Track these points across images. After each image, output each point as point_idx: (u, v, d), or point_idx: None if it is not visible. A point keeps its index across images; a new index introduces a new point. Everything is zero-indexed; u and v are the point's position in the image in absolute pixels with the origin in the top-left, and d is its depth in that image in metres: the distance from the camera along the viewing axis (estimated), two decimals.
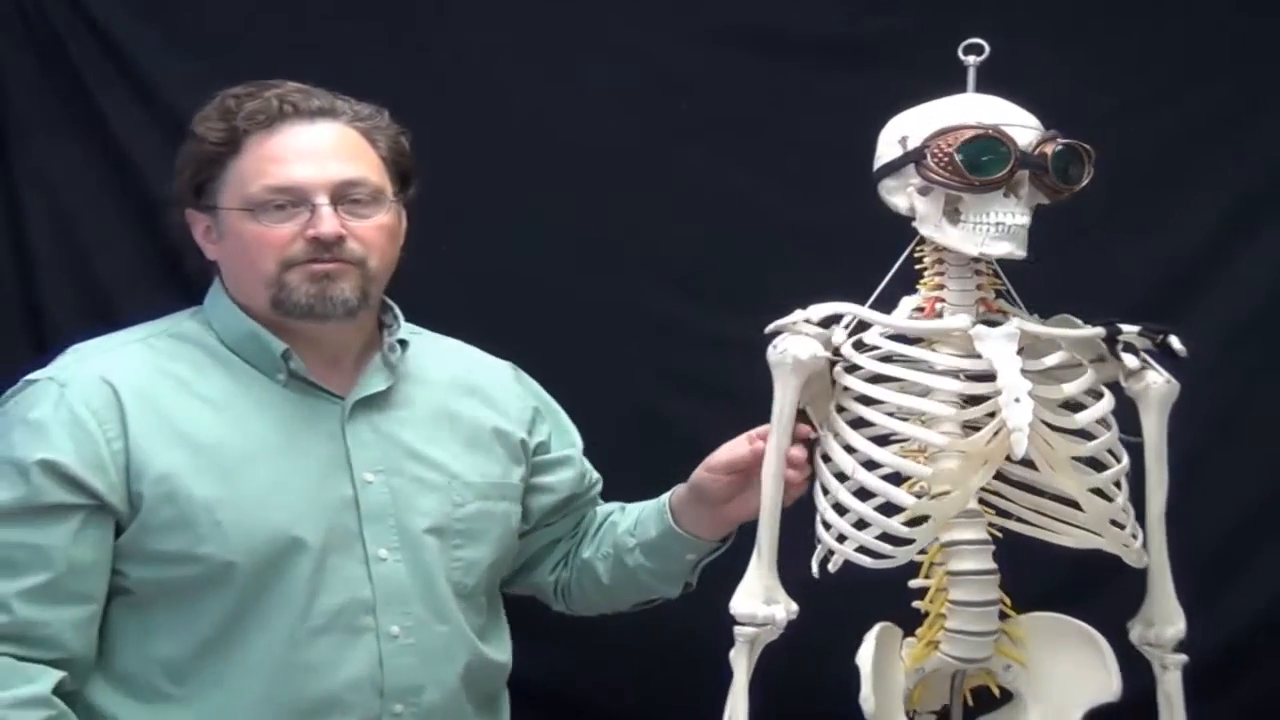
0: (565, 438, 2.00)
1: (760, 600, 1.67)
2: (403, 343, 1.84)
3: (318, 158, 1.72)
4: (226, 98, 1.74)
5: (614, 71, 2.59)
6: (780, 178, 2.58)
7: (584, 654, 2.45)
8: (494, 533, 1.84)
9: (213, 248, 1.78)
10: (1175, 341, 1.70)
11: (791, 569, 1.70)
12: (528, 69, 2.59)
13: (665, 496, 1.91)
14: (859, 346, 1.66)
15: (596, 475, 2.04)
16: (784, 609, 1.68)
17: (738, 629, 1.68)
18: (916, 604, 1.71)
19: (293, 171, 1.70)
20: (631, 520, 1.94)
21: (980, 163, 1.58)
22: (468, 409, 1.88)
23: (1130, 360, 1.68)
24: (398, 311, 1.87)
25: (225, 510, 1.67)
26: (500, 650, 1.89)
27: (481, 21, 2.60)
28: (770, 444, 1.69)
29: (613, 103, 2.59)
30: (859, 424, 1.66)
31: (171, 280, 2.31)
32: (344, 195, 1.72)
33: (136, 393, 1.69)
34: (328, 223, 1.69)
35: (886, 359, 1.65)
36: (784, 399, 1.67)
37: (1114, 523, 1.66)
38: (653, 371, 2.58)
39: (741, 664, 1.68)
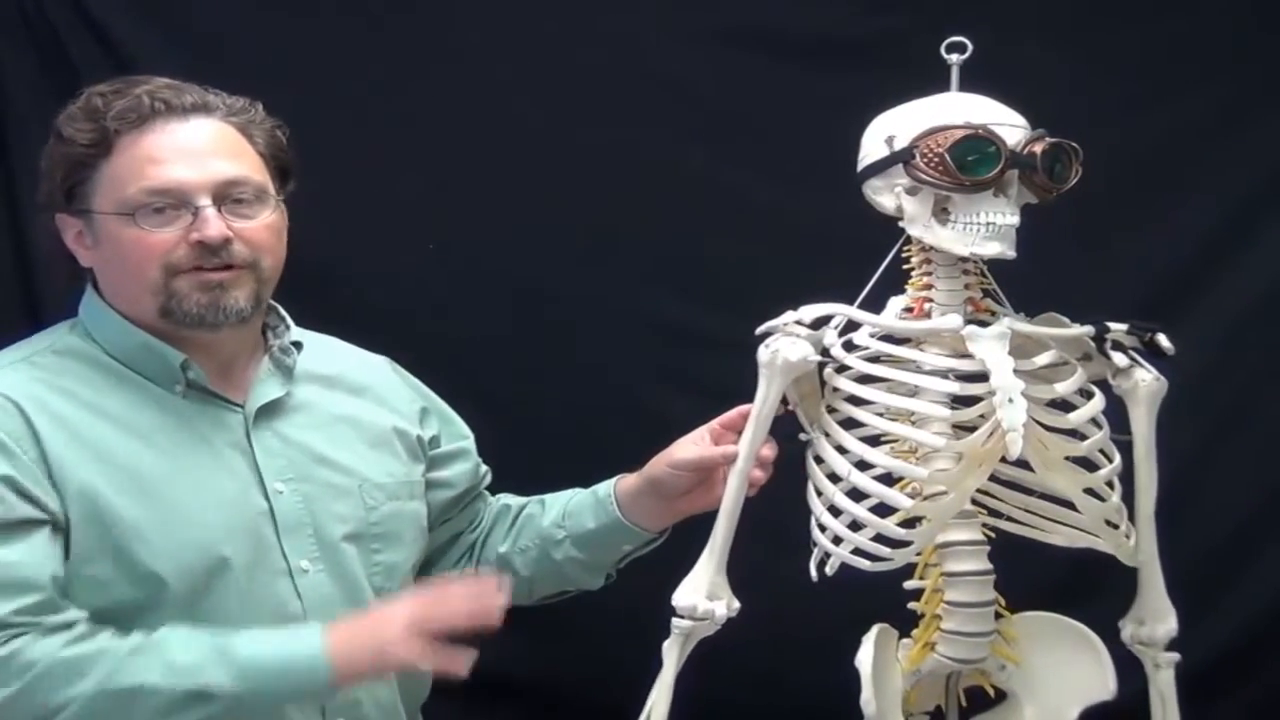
0: (454, 429, 1.94)
1: (703, 595, 1.68)
2: (297, 344, 1.78)
3: (196, 157, 1.63)
4: (93, 96, 1.66)
5: (613, 71, 2.59)
6: (779, 177, 2.57)
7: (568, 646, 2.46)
8: (408, 534, 1.79)
9: (87, 254, 1.68)
10: (1163, 339, 1.70)
11: (785, 568, 1.71)
12: (527, 68, 2.59)
13: (604, 488, 1.87)
14: (849, 347, 1.66)
15: (486, 467, 1.99)
16: (725, 605, 1.69)
17: (675, 621, 1.68)
18: (912, 605, 1.71)
19: (171, 172, 1.62)
20: (557, 513, 1.90)
21: (971, 163, 1.58)
22: (363, 409, 1.82)
23: (1119, 358, 1.68)
24: (283, 312, 1.80)
25: (153, 530, 1.59)
26: None
27: (481, 21, 2.59)
28: (744, 441, 1.70)
29: (611, 102, 2.58)
30: (851, 425, 1.66)
31: None
32: (226, 195, 1.64)
33: (41, 409, 1.60)
34: (213, 225, 1.61)
35: (877, 359, 1.65)
36: (766, 398, 1.68)
37: (1108, 522, 1.66)
38: (649, 371, 2.58)
39: (673, 656, 1.69)
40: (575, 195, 2.57)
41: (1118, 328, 1.69)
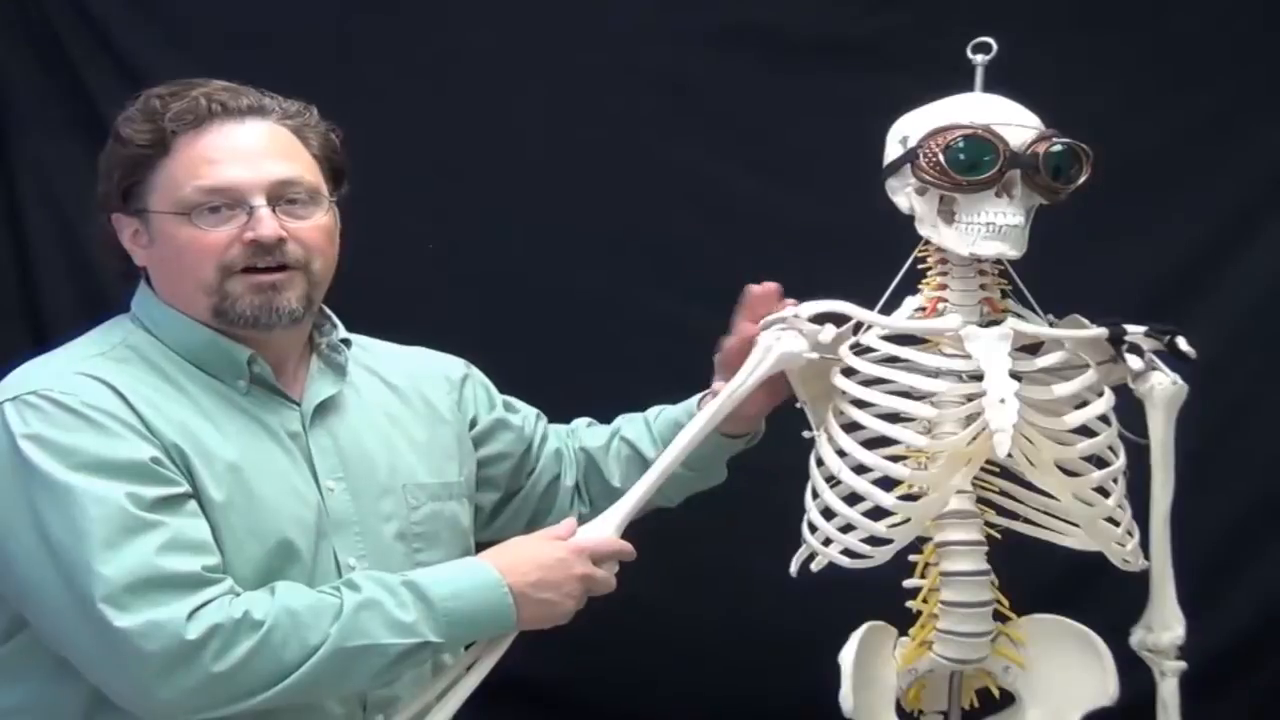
0: (485, 400, 1.96)
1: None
2: (345, 342, 1.81)
3: (251, 157, 1.65)
4: (151, 98, 1.67)
5: (614, 71, 2.59)
6: (781, 177, 2.58)
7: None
8: (445, 534, 1.80)
9: (142, 253, 1.70)
10: (1183, 343, 1.68)
11: (780, 568, 1.71)
12: (527, 68, 2.59)
13: (686, 411, 1.91)
14: (856, 348, 1.66)
15: (533, 410, 2.01)
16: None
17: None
18: (909, 604, 1.71)
19: (226, 172, 1.64)
20: (653, 443, 1.94)
21: (967, 162, 1.58)
22: (408, 407, 1.84)
23: (1134, 361, 1.66)
24: (328, 311, 1.81)
25: (239, 516, 1.62)
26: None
27: (481, 21, 2.60)
28: (707, 411, 1.71)
29: (612, 102, 2.59)
30: (852, 427, 1.66)
31: None
32: (280, 196, 1.66)
33: (140, 399, 1.62)
34: (267, 225, 1.63)
35: (880, 360, 1.64)
36: (747, 379, 1.68)
37: (1109, 520, 1.66)
38: (651, 371, 2.57)
39: None
40: (578, 196, 2.57)
41: (1135, 330, 1.68)
